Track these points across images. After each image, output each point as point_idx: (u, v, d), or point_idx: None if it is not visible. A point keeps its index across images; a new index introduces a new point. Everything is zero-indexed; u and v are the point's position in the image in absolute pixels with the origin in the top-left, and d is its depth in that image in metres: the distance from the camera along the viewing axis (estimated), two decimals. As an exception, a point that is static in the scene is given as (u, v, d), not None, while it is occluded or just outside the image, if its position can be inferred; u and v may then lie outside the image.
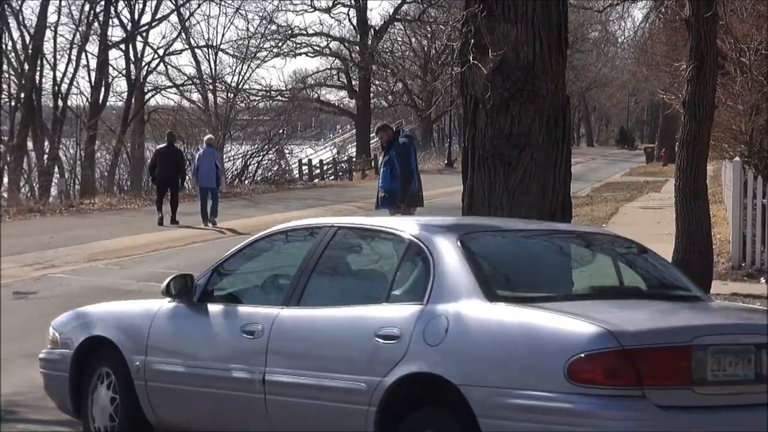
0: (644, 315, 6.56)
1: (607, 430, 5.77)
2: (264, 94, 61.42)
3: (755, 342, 6.26)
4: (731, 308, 7.40)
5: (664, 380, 5.96)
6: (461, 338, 6.25)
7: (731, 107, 24.56)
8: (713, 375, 6.10)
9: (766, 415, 6.13)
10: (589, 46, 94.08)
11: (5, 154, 47.36)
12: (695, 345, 6.03)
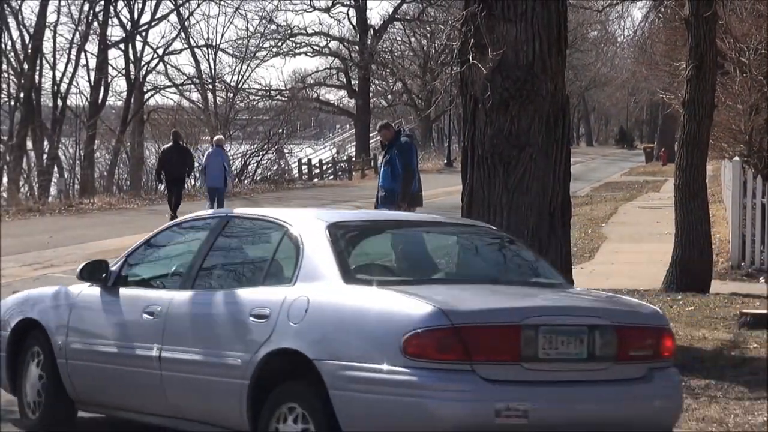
0: (482, 297, 7.02)
1: (438, 400, 6.33)
2: (263, 93, 61.46)
3: (588, 324, 6.79)
4: (580, 294, 7.72)
5: (493, 356, 6.52)
6: (317, 317, 6.81)
7: (731, 107, 24.56)
8: (544, 353, 6.64)
9: (598, 391, 6.75)
10: (589, 45, 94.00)
11: (5, 154, 47.36)
12: (525, 325, 6.59)
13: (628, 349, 6.90)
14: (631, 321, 7.07)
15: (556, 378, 6.71)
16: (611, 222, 27.00)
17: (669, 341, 7.20)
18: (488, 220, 11.30)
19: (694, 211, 15.43)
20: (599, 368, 6.83)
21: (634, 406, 6.87)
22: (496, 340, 6.55)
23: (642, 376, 6.94)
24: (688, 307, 13.58)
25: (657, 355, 7.06)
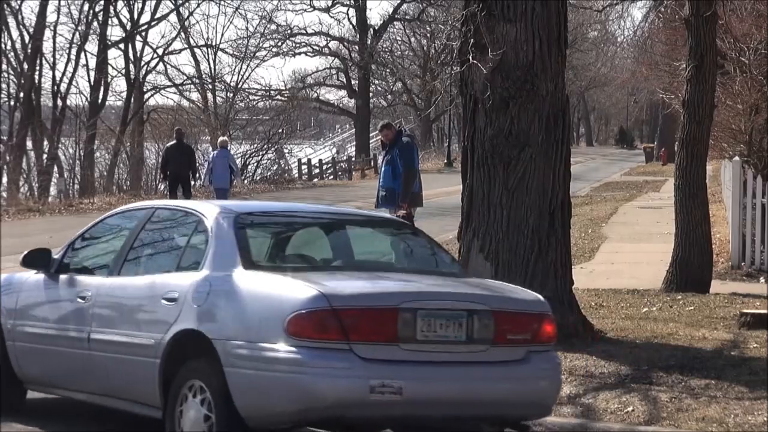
0: (365, 282, 7.57)
1: (316, 376, 6.86)
2: (263, 93, 61.46)
3: (467, 308, 7.31)
4: (466, 281, 8.12)
5: (370, 337, 7.02)
6: (216, 299, 7.38)
7: (731, 107, 24.56)
8: (423, 335, 7.16)
9: (475, 371, 7.30)
10: (589, 45, 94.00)
11: (5, 154, 47.36)
12: (402, 308, 7.10)
13: (505, 333, 7.43)
14: (509, 307, 7.61)
15: (435, 358, 7.20)
16: (611, 222, 27.00)
17: (549, 326, 7.65)
18: (488, 220, 11.32)
19: (694, 211, 15.43)
20: (477, 350, 7.36)
21: (512, 386, 7.41)
22: (373, 321, 7.05)
23: (520, 359, 7.47)
24: (688, 307, 13.58)
25: (536, 339, 7.57)
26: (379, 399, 6.97)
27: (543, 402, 7.65)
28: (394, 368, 7.05)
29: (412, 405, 7.10)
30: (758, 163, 23.40)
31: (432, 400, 7.16)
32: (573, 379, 9.70)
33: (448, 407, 7.26)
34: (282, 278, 7.32)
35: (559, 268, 11.32)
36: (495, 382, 7.36)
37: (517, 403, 7.51)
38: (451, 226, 22.00)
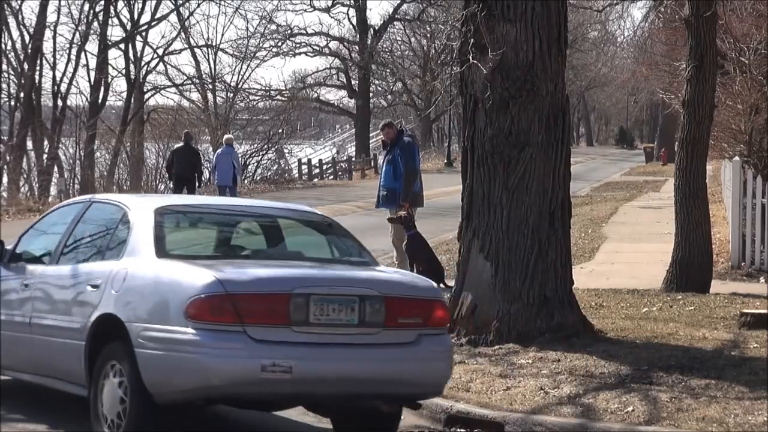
0: (263, 270, 8.02)
1: (211, 356, 7.42)
2: (263, 93, 61.46)
3: (359, 294, 7.84)
4: (364, 269, 8.57)
5: (263, 319, 7.57)
6: (130, 285, 7.98)
7: (731, 107, 24.56)
8: (316, 318, 7.71)
9: (366, 352, 7.83)
10: (589, 45, 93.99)
11: (5, 154, 47.33)
12: (294, 293, 7.65)
13: (396, 317, 7.97)
14: (400, 293, 8.13)
15: (327, 340, 7.75)
16: (611, 222, 27.00)
17: (440, 311, 8.24)
18: (488, 220, 11.33)
19: (694, 211, 15.43)
20: (369, 333, 7.90)
21: (402, 366, 7.97)
22: (265, 306, 7.62)
23: (411, 341, 8.02)
24: (688, 307, 13.58)
25: (427, 323, 8.12)
26: (270, 377, 7.52)
27: (434, 382, 8.23)
28: (286, 349, 7.60)
29: (303, 383, 7.67)
30: (758, 163, 23.41)
31: (322, 378, 7.71)
32: (573, 379, 9.70)
33: (340, 386, 7.82)
34: (186, 266, 7.90)
35: (559, 268, 11.33)
36: (385, 362, 7.93)
37: (408, 383, 8.07)
38: (451, 226, 22.00)
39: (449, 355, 8.39)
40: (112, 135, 52.58)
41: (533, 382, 9.65)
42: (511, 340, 10.99)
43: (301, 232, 9.49)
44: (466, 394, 9.50)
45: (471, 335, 11.23)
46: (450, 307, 11.64)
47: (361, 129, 70.11)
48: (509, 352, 10.73)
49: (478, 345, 11.07)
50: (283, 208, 10.04)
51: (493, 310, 11.20)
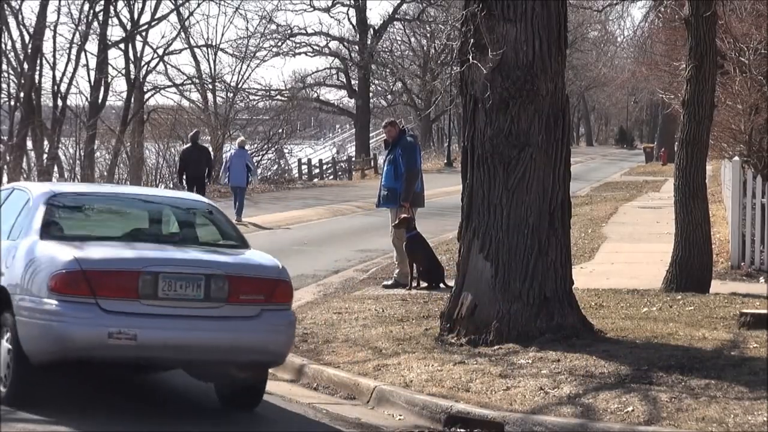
0: (120, 250, 9.34)
1: (65, 324, 8.79)
2: (263, 93, 61.43)
3: (205, 273, 9.08)
4: (220, 252, 9.74)
5: (114, 293, 8.91)
6: (17, 262, 9.32)
7: (730, 107, 24.55)
8: (164, 293, 8.98)
9: (210, 324, 9.04)
10: (589, 45, 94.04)
11: (5, 154, 47.29)
12: (144, 271, 8.96)
13: (239, 294, 9.16)
14: (243, 273, 9.31)
15: (174, 312, 9.00)
16: (611, 222, 27.00)
17: (282, 290, 9.41)
18: (488, 220, 11.33)
19: (694, 211, 15.42)
20: (213, 307, 9.12)
21: (244, 336, 9.12)
22: (116, 281, 8.94)
23: (253, 315, 9.19)
24: (688, 307, 13.58)
25: (270, 300, 9.28)
26: (116, 343, 8.84)
27: (275, 351, 9.40)
28: (132, 319, 8.88)
29: (148, 349, 8.94)
30: (758, 163, 23.39)
31: (167, 345, 8.97)
32: (573, 379, 9.71)
33: (185, 352, 9.07)
34: (57, 246, 9.22)
35: (558, 267, 11.33)
36: (228, 333, 9.11)
37: (251, 351, 9.21)
38: (451, 226, 22.02)
39: (291, 328, 9.54)
40: (112, 135, 52.55)
41: (533, 382, 9.65)
42: (511, 340, 11.00)
43: (181, 218, 10.57)
44: (466, 394, 9.51)
45: (471, 335, 11.23)
46: (450, 307, 11.66)
47: (360, 129, 70.10)
48: (509, 352, 10.74)
49: (478, 345, 11.08)
50: (170, 196, 11.74)
51: (493, 310, 11.20)
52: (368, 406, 9.87)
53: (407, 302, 14.62)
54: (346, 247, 22.72)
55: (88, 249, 9.14)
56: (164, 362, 9.44)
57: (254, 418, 9.29)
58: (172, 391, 10.33)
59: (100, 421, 8.83)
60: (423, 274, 16.36)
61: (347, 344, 11.76)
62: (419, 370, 10.29)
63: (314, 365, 10.96)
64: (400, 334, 12.11)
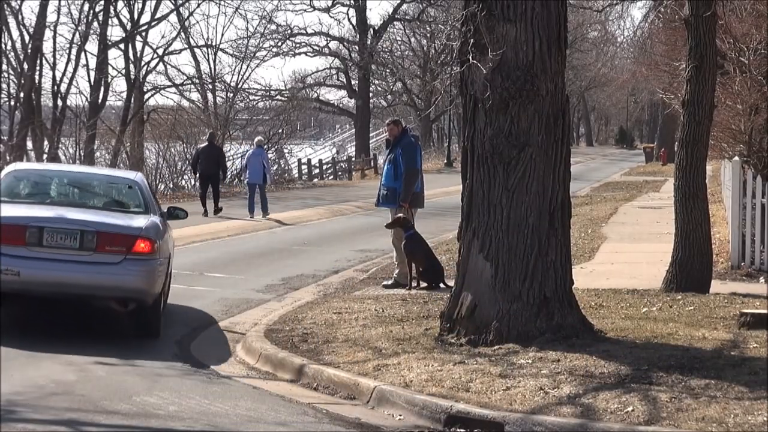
0: (19, 209, 12.74)
1: None
2: (263, 93, 61.43)
3: (80, 229, 12.29)
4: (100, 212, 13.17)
5: (8, 241, 12.09)
6: None
7: (730, 107, 24.56)
8: (48, 242, 12.22)
9: (82, 267, 12.15)
10: (589, 45, 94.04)
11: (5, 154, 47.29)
12: (30, 226, 12.25)
13: (105, 245, 12.31)
14: (110, 230, 12.48)
15: (53, 257, 12.21)
16: (611, 222, 27.01)
17: (139, 244, 12.42)
18: (488, 220, 11.33)
19: (694, 211, 15.42)
20: (85, 254, 12.27)
21: (107, 277, 12.26)
22: (11, 233, 12.17)
23: (117, 262, 12.30)
24: (688, 307, 13.59)
25: (130, 251, 12.37)
26: (6, 278, 12.07)
27: (134, 288, 12.35)
28: (18, 261, 12.10)
29: (30, 284, 12.19)
30: (758, 163, 23.41)
31: (44, 282, 12.20)
32: (573, 379, 9.71)
33: (61, 287, 12.28)
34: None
35: (558, 267, 11.33)
36: (95, 274, 12.25)
37: (115, 288, 12.36)
38: (451, 226, 22.04)
39: (147, 273, 12.40)
40: (112, 135, 52.56)
41: (533, 382, 9.65)
42: (510, 340, 10.99)
43: (103, 189, 14.47)
44: (466, 394, 9.51)
45: (471, 335, 11.23)
46: (450, 307, 11.66)
47: (360, 129, 70.13)
48: (509, 352, 10.74)
49: (478, 345, 11.08)
50: (104, 173, 16.89)
51: (493, 310, 11.20)
52: (368, 406, 9.87)
53: (407, 302, 14.63)
54: (346, 247, 22.73)
55: (14, 210, 12.66)
56: (46, 294, 12.54)
57: (254, 417, 9.29)
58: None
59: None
60: (423, 274, 16.35)
61: (347, 344, 11.76)
62: (419, 370, 10.29)
63: (314, 365, 10.95)
64: (400, 334, 12.11)
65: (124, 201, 13.95)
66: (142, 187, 14.13)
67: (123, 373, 10.75)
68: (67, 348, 11.61)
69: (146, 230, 12.64)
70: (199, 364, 11.50)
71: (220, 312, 14.69)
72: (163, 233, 13.19)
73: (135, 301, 12.52)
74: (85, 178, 14.85)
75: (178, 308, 14.68)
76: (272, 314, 14.27)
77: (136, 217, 13.22)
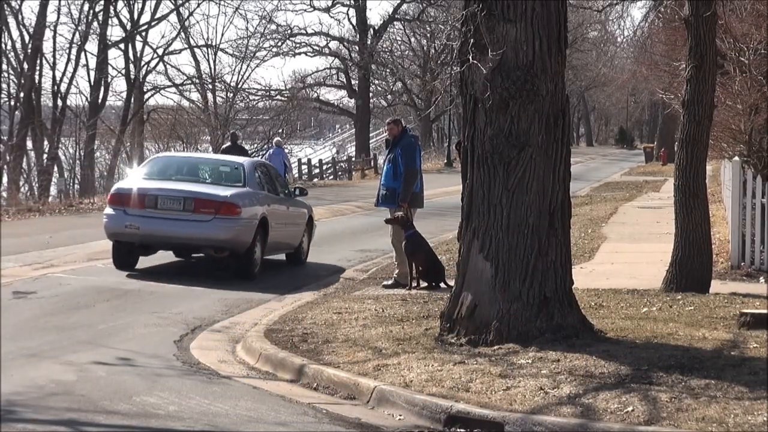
0: (147, 183, 17.94)
1: (109, 220, 17.82)
2: (263, 93, 61.51)
3: (183, 197, 17.39)
4: (202, 189, 17.95)
5: (133, 206, 17.43)
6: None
7: (730, 107, 24.56)
8: (161, 205, 17.38)
9: (185, 223, 17.23)
10: (589, 45, 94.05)
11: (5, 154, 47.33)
12: (149, 195, 17.49)
13: (200, 208, 17.28)
14: (203, 197, 17.45)
15: (165, 216, 17.32)
16: (611, 222, 27.01)
17: (225, 208, 17.34)
18: (488, 220, 11.33)
19: (694, 211, 15.42)
20: (186, 214, 17.27)
21: (202, 231, 17.26)
22: (135, 200, 17.40)
23: (208, 220, 17.24)
24: (688, 307, 13.59)
25: (218, 212, 17.29)
26: (128, 231, 17.41)
27: (223, 239, 17.37)
28: (138, 219, 17.34)
29: (147, 237, 17.46)
30: (758, 163, 23.42)
31: (158, 235, 17.42)
32: (573, 379, 9.70)
33: (170, 240, 17.55)
34: (134, 180, 18.36)
35: (558, 267, 11.33)
36: (192, 229, 17.31)
37: (208, 240, 17.37)
38: (451, 226, 22.03)
39: (231, 229, 17.33)
40: (112, 135, 52.61)
41: (533, 382, 9.65)
42: (510, 340, 10.99)
43: (214, 169, 19.13)
44: (466, 394, 9.50)
45: (471, 335, 11.23)
46: (450, 307, 11.66)
47: (360, 129, 70.15)
48: (509, 352, 10.74)
49: (478, 345, 11.07)
50: (218, 158, 21.29)
51: (493, 310, 11.20)
52: (368, 406, 9.87)
53: (407, 302, 14.63)
54: (346, 247, 22.72)
55: (139, 182, 18.15)
56: (159, 245, 18.10)
57: (254, 417, 9.29)
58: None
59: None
60: (423, 274, 16.35)
61: (347, 344, 11.76)
62: (419, 370, 10.29)
63: (314, 365, 10.95)
64: (400, 334, 12.11)
65: (228, 178, 18.60)
66: (246, 169, 18.71)
67: (123, 373, 10.75)
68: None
69: (231, 197, 17.54)
70: (199, 364, 11.50)
71: (220, 312, 14.69)
72: (251, 201, 17.91)
73: (226, 249, 17.58)
74: (203, 163, 19.98)
75: (179, 308, 14.68)
76: (272, 314, 14.28)
77: (230, 188, 17.93)
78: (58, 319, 13.58)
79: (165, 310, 14.53)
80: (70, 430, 8.52)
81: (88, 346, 11.90)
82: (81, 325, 13.31)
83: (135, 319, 13.75)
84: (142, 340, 12.61)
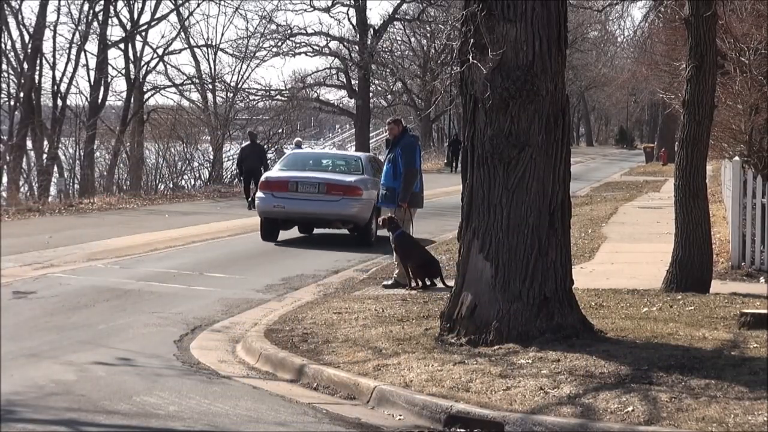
0: (287, 173, 23.78)
1: (261, 202, 23.64)
2: (263, 93, 61.45)
3: (318, 182, 23.08)
4: (337, 176, 23.60)
5: (278, 189, 23.12)
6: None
7: (731, 106, 24.58)
8: (301, 189, 23.00)
9: (321, 203, 23.03)
10: (589, 45, 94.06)
11: (4, 154, 47.31)
12: (290, 181, 23.21)
13: (331, 191, 22.74)
14: (334, 182, 22.91)
15: (304, 197, 22.85)
16: (611, 222, 27.01)
17: (351, 191, 22.61)
18: (488, 220, 11.34)
19: (694, 211, 15.42)
20: (320, 196, 22.77)
21: (333, 209, 22.75)
22: (279, 185, 23.13)
23: (337, 200, 22.63)
24: (688, 307, 13.58)
25: (345, 194, 22.59)
26: (276, 210, 22.99)
27: (349, 215, 22.77)
28: (283, 200, 22.77)
29: (291, 213, 22.94)
30: (758, 163, 23.42)
31: (298, 212, 22.92)
32: (573, 379, 9.70)
33: (308, 216, 23.10)
34: (277, 171, 24.21)
35: (558, 267, 11.32)
36: (325, 207, 22.66)
37: (338, 215, 22.75)
38: (451, 226, 22.05)
39: (354, 206, 22.45)
40: (112, 135, 52.57)
41: (533, 382, 9.65)
42: (511, 340, 10.99)
43: (338, 161, 24.59)
44: (466, 394, 9.50)
45: (471, 335, 11.23)
46: (450, 307, 11.66)
47: (361, 129, 70.10)
48: (509, 352, 10.74)
49: (478, 345, 11.07)
50: (342, 153, 30.43)
51: (493, 310, 11.20)
52: (368, 406, 9.87)
53: (407, 302, 14.63)
54: (346, 247, 22.74)
55: (281, 172, 23.33)
56: (299, 220, 23.42)
57: (254, 417, 9.29)
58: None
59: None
60: (418, 271, 16.25)
61: (347, 344, 11.76)
62: (419, 370, 10.29)
63: (314, 365, 10.95)
64: (400, 334, 12.11)
65: (351, 168, 23.95)
66: (364, 161, 24.37)
67: (123, 373, 10.75)
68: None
69: (355, 182, 22.85)
70: (199, 364, 11.50)
71: (220, 312, 14.70)
72: (369, 185, 22.69)
73: (351, 223, 22.96)
74: (329, 156, 26.20)
75: (179, 308, 14.68)
76: (272, 314, 14.28)
77: (353, 176, 23.30)
78: (58, 319, 13.59)
79: (165, 310, 14.53)
80: (70, 430, 8.52)
81: (88, 346, 11.90)
82: (81, 325, 13.32)
83: (135, 319, 13.76)
84: (142, 340, 12.61)
